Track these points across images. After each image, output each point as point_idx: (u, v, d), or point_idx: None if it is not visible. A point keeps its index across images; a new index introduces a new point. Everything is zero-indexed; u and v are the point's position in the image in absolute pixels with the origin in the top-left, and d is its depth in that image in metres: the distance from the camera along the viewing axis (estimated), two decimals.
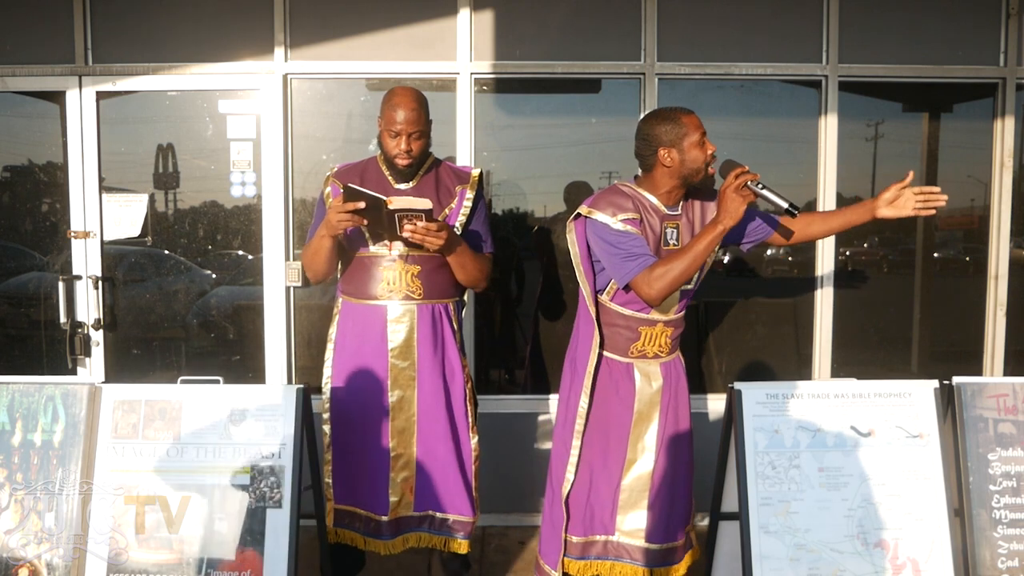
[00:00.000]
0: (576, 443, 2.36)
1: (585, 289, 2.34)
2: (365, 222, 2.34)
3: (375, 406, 2.51)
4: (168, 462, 2.26)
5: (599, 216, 2.27)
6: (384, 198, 2.27)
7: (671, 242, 2.33)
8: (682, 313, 2.41)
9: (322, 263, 2.49)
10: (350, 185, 2.31)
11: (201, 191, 3.51)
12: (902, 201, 2.31)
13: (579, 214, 2.34)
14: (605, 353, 2.36)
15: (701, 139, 2.27)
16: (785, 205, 2.15)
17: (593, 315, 2.33)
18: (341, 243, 2.49)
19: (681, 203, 2.37)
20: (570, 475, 2.37)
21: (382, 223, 2.33)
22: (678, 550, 2.44)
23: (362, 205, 2.27)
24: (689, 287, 2.35)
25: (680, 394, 2.44)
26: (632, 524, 2.39)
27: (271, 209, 3.40)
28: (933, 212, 2.34)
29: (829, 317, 3.49)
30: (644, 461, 2.38)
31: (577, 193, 3.48)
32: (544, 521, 2.50)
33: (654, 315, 2.34)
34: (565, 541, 2.39)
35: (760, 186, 2.17)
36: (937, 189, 2.30)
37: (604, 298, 2.36)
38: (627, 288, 2.28)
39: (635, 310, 2.34)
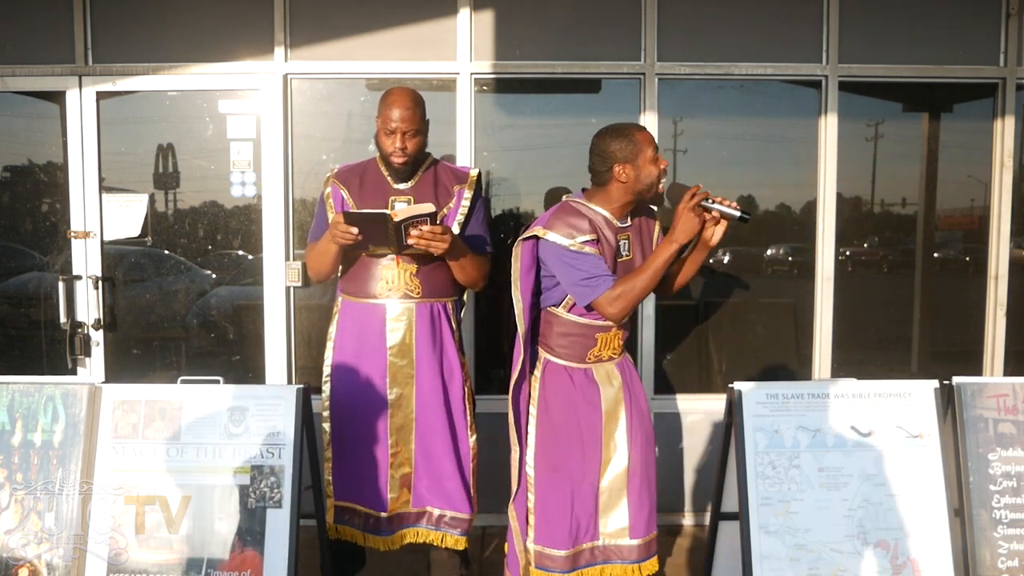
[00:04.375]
0: (531, 462, 2.37)
1: (518, 308, 2.32)
2: (359, 239, 2.34)
3: (374, 403, 2.52)
4: (168, 462, 2.26)
5: (554, 237, 2.27)
6: (388, 212, 2.27)
7: (624, 254, 2.37)
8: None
9: (327, 264, 2.52)
10: (347, 211, 2.34)
11: (201, 191, 3.51)
12: (708, 230, 2.30)
13: (531, 235, 2.32)
14: (562, 362, 2.37)
15: (655, 155, 2.31)
16: (738, 215, 2.23)
17: (521, 334, 2.32)
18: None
19: (629, 217, 2.41)
20: (531, 495, 2.36)
21: (387, 236, 2.32)
22: (654, 541, 2.45)
23: (354, 230, 2.29)
24: None
25: (636, 389, 2.46)
26: (615, 524, 2.39)
27: (271, 209, 3.41)
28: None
29: (829, 317, 3.49)
30: (618, 459, 2.39)
31: (558, 199, 3.46)
32: (509, 533, 2.48)
33: (609, 322, 2.37)
34: (528, 551, 2.37)
35: (711, 201, 2.24)
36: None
37: (560, 310, 2.36)
38: (589, 307, 2.31)
39: (592, 319, 2.36)
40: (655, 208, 2.54)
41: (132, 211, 3.45)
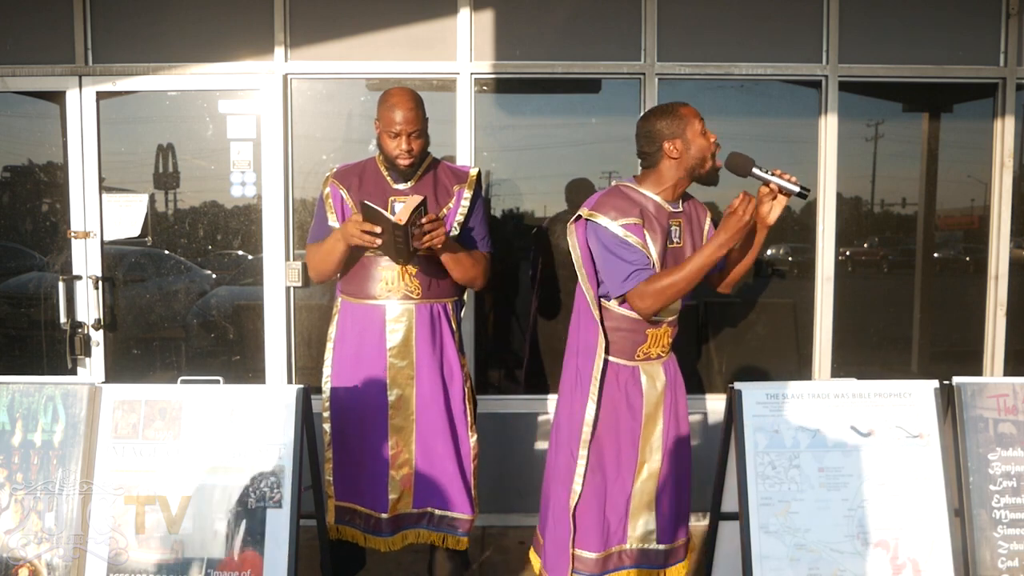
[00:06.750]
0: (583, 452, 2.30)
1: (588, 294, 2.28)
2: (378, 243, 2.31)
3: (374, 405, 2.52)
4: (168, 462, 2.26)
5: (600, 220, 2.22)
6: (392, 217, 2.24)
7: (675, 240, 2.31)
8: (678, 313, 2.41)
9: (332, 264, 2.50)
10: (367, 203, 2.28)
11: (201, 191, 3.51)
12: (766, 206, 2.23)
13: (579, 216, 2.30)
14: (610, 358, 2.31)
15: (703, 128, 2.27)
16: (797, 189, 2.17)
17: (597, 319, 2.27)
18: None
19: (681, 202, 2.36)
20: (577, 487, 2.31)
21: (396, 242, 2.28)
22: (682, 548, 2.44)
23: (378, 229, 2.27)
24: None
25: (679, 391, 2.43)
26: (643, 528, 2.37)
27: (271, 209, 3.40)
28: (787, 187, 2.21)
29: (829, 317, 3.49)
30: (652, 463, 2.36)
31: (577, 192, 3.48)
32: (548, 536, 2.41)
33: (660, 316, 2.31)
34: (573, 556, 2.33)
35: (769, 173, 2.19)
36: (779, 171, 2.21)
37: (611, 303, 2.30)
38: (621, 299, 2.26)
39: None
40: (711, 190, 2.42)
41: (132, 211, 3.45)
